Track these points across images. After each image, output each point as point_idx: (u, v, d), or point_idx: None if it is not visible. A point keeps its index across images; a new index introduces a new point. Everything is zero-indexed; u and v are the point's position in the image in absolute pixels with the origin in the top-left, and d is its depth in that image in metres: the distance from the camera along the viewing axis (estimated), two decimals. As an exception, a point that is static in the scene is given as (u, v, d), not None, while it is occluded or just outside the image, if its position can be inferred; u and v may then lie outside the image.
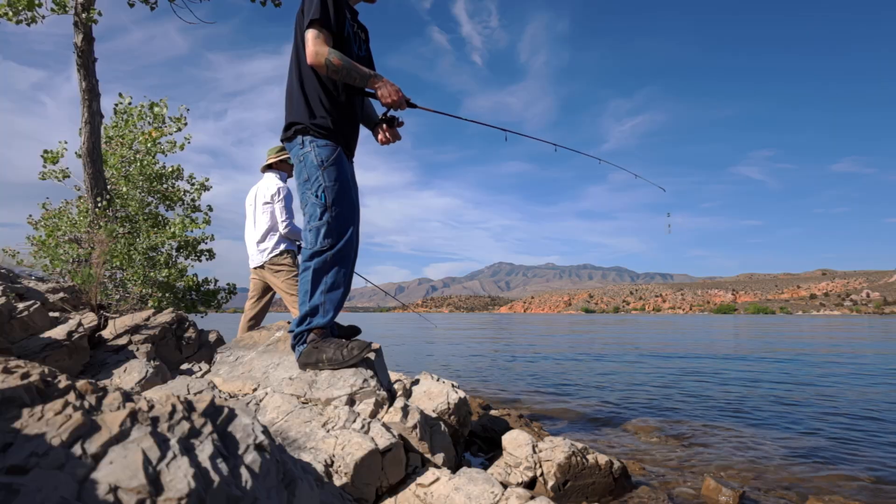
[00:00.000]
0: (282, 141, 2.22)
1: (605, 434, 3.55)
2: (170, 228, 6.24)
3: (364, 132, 2.41)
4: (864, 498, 2.38)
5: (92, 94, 5.22)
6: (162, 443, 0.63)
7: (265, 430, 0.79)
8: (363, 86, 2.09)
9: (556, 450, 2.13)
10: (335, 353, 2.05)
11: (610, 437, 3.45)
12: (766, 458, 2.99)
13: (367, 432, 1.68)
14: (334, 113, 2.15)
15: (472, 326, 31.34)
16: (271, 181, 3.60)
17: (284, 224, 3.54)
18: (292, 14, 2.24)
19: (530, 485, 2.07)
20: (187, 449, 0.65)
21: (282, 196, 3.53)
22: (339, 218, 2.09)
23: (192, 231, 6.46)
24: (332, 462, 1.53)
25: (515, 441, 2.21)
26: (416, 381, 2.60)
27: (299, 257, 3.66)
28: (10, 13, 4.84)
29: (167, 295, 6.03)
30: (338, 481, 1.49)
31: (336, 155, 2.13)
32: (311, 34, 1.99)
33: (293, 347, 2.16)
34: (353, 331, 2.41)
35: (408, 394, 2.44)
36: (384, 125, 2.27)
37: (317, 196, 2.06)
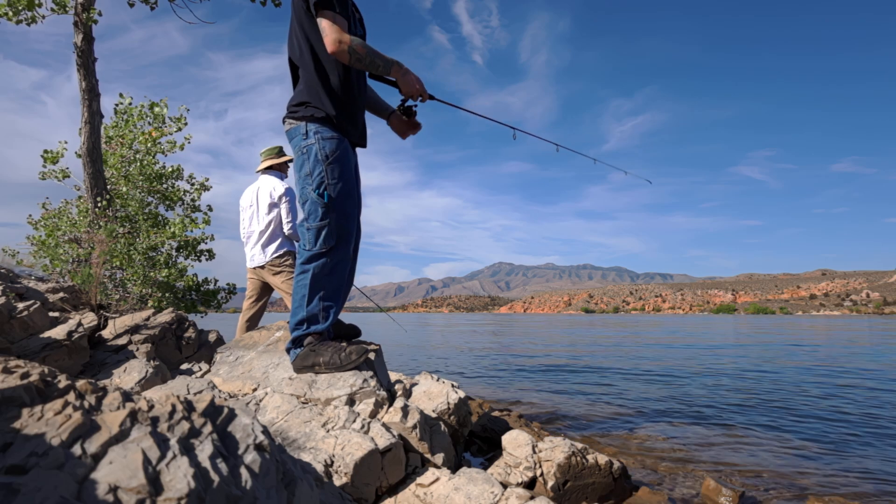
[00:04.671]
0: (284, 120, 2.07)
1: (605, 434, 3.55)
2: (170, 228, 6.24)
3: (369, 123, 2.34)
4: (865, 498, 2.38)
5: (92, 94, 5.22)
6: (162, 443, 0.63)
7: (265, 430, 0.79)
8: (385, 73, 1.98)
9: (555, 450, 2.13)
10: (332, 356, 2.00)
11: (610, 437, 3.45)
12: (767, 459, 2.99)
13: (366, 432, 1.68)
14: (345, 102, 2.04)
15: (473, 327, 31.32)
16: (275, 182, 3.61)
17: (289, 225, 3.56)
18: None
19: (530, 485, 2.07)
20: (187, 449, 0.65)
21: (288, 197, 3.56)
22: (341, 218, 1.99)
23: (192, 231, 6.46)
24: (332, 462, 1.53)
25: (515, 441, 2.21)
26: (416, 382, 2.60)
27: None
28: (10, 13, 4.84)
29: (167, 295, 6.03)
30: (338, 481, 1.49)
31: (342, 149, 2.01)
32: (326, 22, 1.86)
33: (288, 351, 2.10)
34: (354, 331, 2.38)
35: (408, 394, 2.44)
36: (403, 116, 2.19)
37: (319, 194, 1.94)
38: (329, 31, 1.86)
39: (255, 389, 2.16)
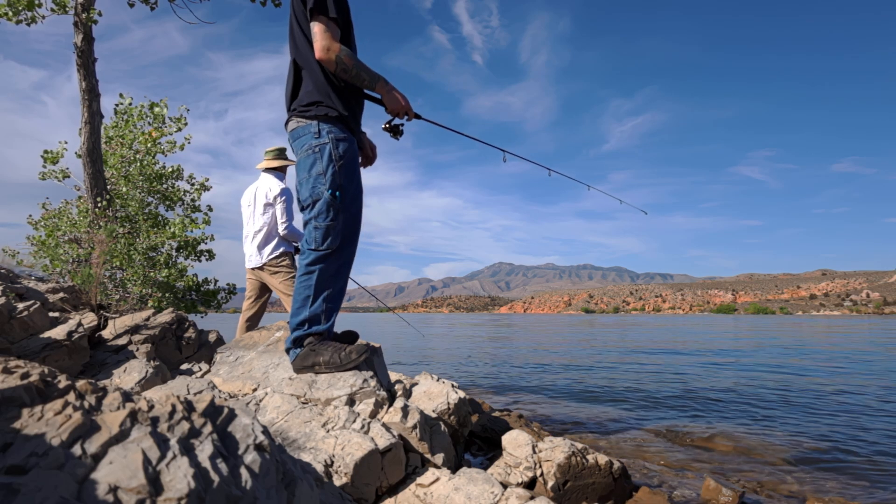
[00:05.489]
0: (290, 120, 2.05)
1: (605, 434, 3.55)
2: (170, 228, 6.24)
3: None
4: (864, 498, 2.38)
5: (92, 94, 5.22)
6: (162, 443, 0.63)
7: (265, 430, 0.79)
8: (370, 89, 2.00)
9: (555, 450, 2.13)
10: (332, 356, 2.00)
11: (610, 438, 3.45)
12: (767, 459, 2.99)
13: (366, 432, 1.68)
14: (352, 102, 2.04)
15: (473, 327, 31.29)
16: (272, 182, 3.60)
17: (284, 226, 3.56)
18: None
19: (530, 485, 2.07)
20: (187, 449, 0.65)
21: (284, 198, 3.55)
22: (349, 219, 2.01)
23: (191, 231, 6.46)
24: (332, 462, 1.53)
25: (515, 441, 2.21)
26: (416, 382, 2.60)
27: (297, 258, 3.67)
28: (10, 13, 4.84)
29: (167, 295, 6.03)
30: (338, 481, 1.49)
31: (353, 150, 2.03)
32: (319, 27, 1.86)
33: (288, 351, 2.10)
34: (352, 337, 2.37)
35: (408, 394, 2.44)
36: (390, 135, 2.16)
37: (333, 195, 1.94)
38: (319, 37, 1.87)
39: (255, 389, 2.16)
